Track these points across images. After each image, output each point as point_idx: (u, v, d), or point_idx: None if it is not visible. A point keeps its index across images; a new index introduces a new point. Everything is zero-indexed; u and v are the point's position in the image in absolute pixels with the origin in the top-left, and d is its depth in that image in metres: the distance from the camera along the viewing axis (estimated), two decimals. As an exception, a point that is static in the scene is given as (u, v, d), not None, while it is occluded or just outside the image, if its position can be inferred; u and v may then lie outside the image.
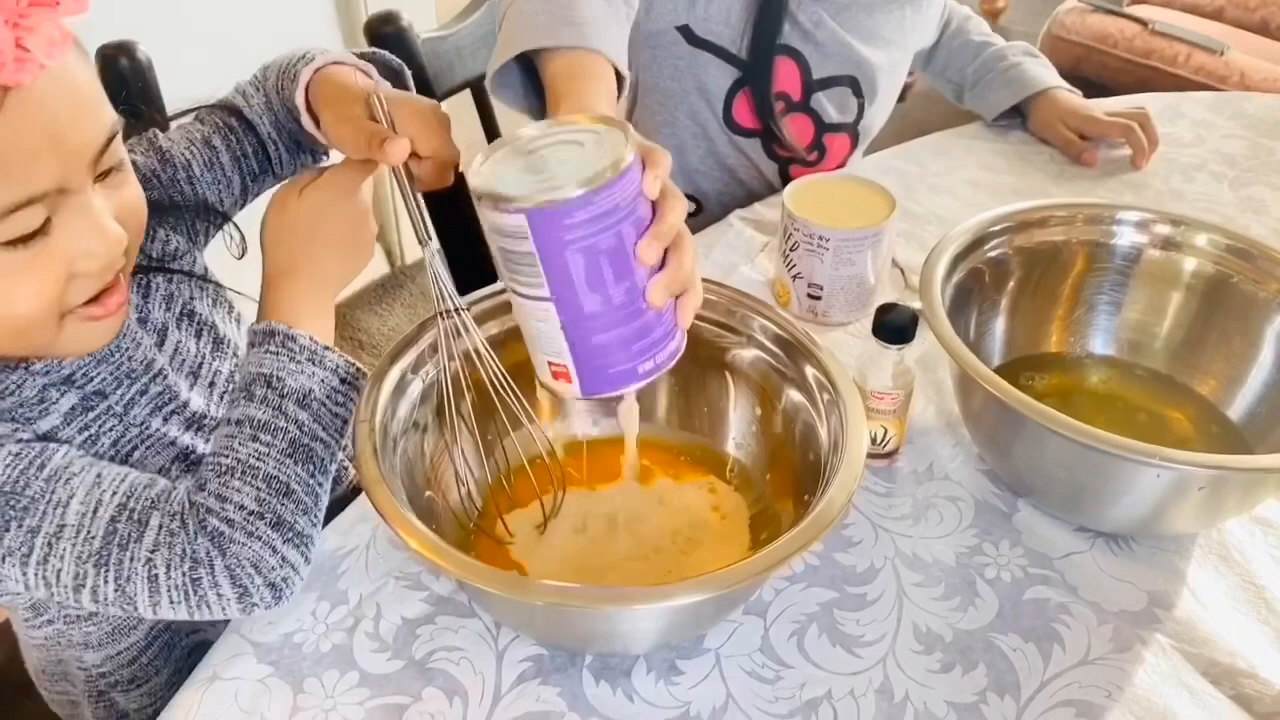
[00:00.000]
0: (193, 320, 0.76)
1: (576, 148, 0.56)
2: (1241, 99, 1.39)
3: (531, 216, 0.52)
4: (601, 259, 0.54)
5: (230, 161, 0.79)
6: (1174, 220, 0.84)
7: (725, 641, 0.68)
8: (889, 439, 0.79)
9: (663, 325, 0.58)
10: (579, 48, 0.72)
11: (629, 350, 0.58)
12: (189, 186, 0.77)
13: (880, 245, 0.91)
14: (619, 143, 0.55)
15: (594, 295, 0.55)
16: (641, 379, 0.59)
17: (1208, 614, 0.70)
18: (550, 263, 0.54)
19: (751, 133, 1.15)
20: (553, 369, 0.59)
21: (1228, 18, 2.30)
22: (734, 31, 1.07)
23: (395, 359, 0.69)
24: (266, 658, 0.66)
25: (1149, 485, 0.68)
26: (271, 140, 0.80)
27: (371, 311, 2.18)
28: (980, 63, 1.27)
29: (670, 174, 0.57)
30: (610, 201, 0.53)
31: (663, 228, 0.55)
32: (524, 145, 0.57)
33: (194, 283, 0.77)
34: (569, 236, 0.53)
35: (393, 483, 0.62)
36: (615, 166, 0.52)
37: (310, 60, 0.74)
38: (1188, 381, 0.84)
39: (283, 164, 0.82)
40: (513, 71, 0.76)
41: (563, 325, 0.56)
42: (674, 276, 0.56)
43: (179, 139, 0.78)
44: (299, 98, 0.73)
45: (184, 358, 0.75)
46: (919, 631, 0.69)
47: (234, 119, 0.79)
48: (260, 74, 0.81)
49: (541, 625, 0.65)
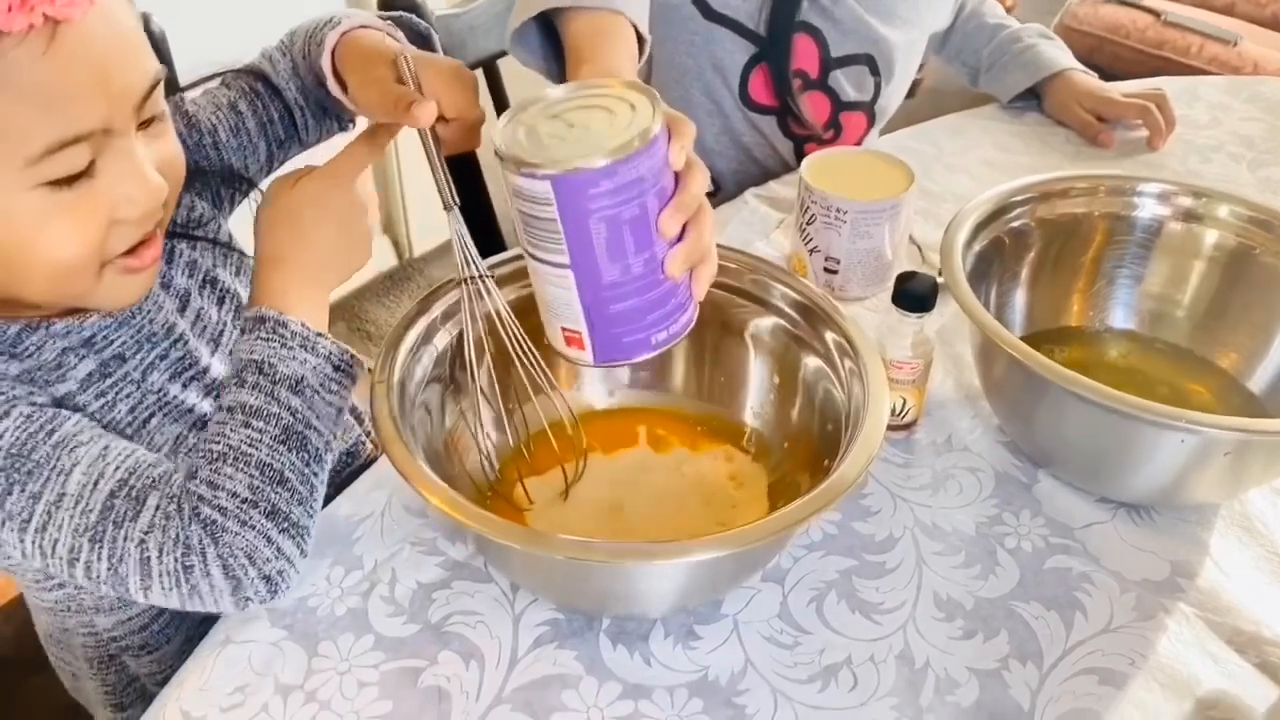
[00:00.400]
0: (215, 288, 0.76)
1: (604, 113, 0.55)
2: (1258, 82, 1.38)
3: (557, 184, 0.52)
4: (624, 229, 0.54)
5: (256, 127, 0.79)
6: (1196, 192, 0.84)
7: (743, 608, 0.67)
8: (908, 409, 0.78)
9: (678, 296, 0.58)
10: (601, 9, 0.71)
11: (644, 320, 0.57)
12: (215, 152, 0.77)
13: (898, 218, 0.90)
14: (646, 112, 0.54)
15: (614, 265, 0.55)
16: (655, 348, 0.59)
17: (1231, 583, 0.69)
18: (572, 230, 0.53)
19: (767, 110, 1.14)
20: (566, 335, 0.59)
21: (1239, 12, 2.29)
22: (751, 6, 1.07)
23: (411, 323, 0.69)
24: (280, 621, 0.66)
25: (1173, 451, 0.67)
26: (298, 106, 0.79)
27: (380, 303, 2.18)
28: (996, 45, 1.26)
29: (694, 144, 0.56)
30: (636, 172, 0.52)
31: (685, 199, 0.55)
32: (550, 107, 0.57)
33: (217, 250, 0.77)
34: (593, 205, 0.52)
35: (410, 443, 0.61)
36: (643, 136, 0.52)
37: (336, 24, 0.74)
38: (1208, 355, 0.83)
39: (309, 130, 0.81)
40: (532, 31, 0.75)
41: (580, 293, 0.56)
42: (693, 248, 0.56)
43: (205, 104, 0.77)
44: (325, 62, 0.73)
45: (205, 324, 0.75)
46: (939, 599, 0.68)
47: (260, 84, 0.79)
48: (286, 39, 0.80)
49: (560, 584, 0.64)
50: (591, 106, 0.56)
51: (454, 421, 0.71)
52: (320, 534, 0.71)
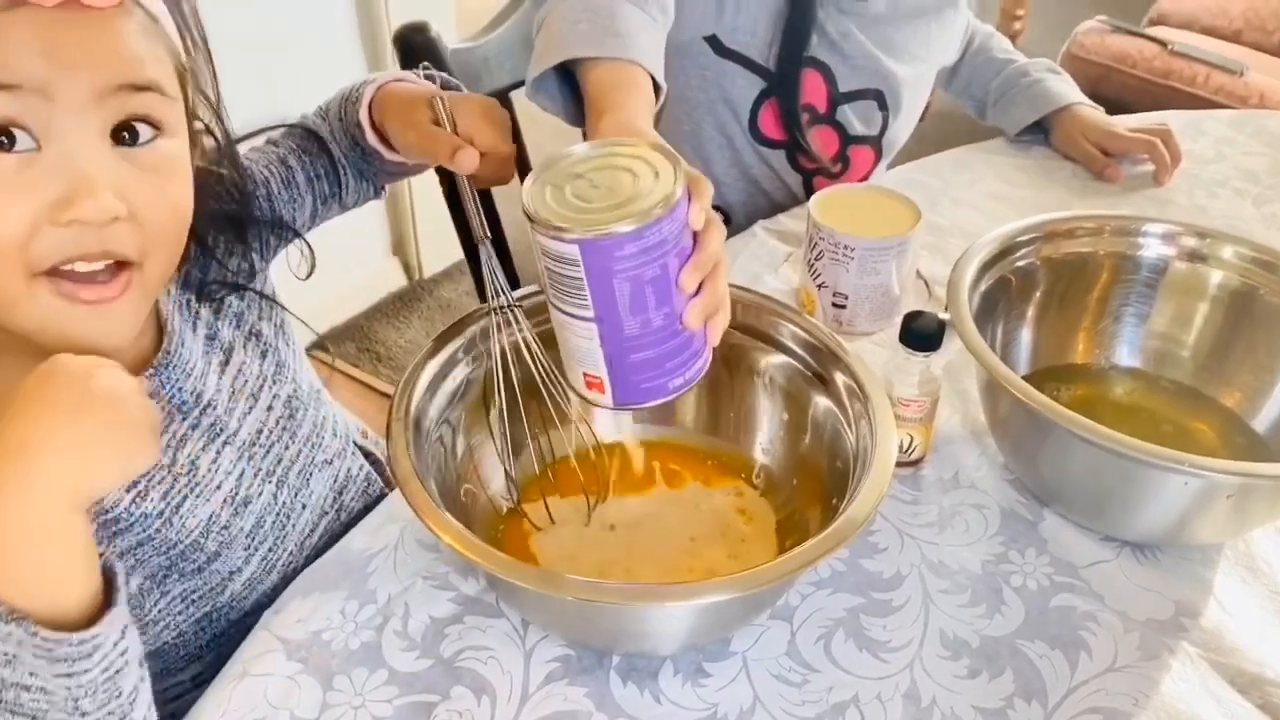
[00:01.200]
0: (259, 340, 0.75)
1: (628, 175, 0.58)
2: (1263, 116, 1.40)
3: (584, 247, 0.54)
4: (646, 287, 0.56)
5: (305, 182, 0.80)
6: (1200, 233, 0.85)
7: (752, 645, 0.68)
8: (915, 447, 0.79)
9: (694, 345, 0.61)
10: (619, 59, 0.73)
11: (663, 368, 0.60)
12: (268, 203, 0.78)
13: (905, 255, 0.91)
14: (669, 177, 0.57)
15: (635, 319, 0.57)
16: (672, 393, 0.62)
17: (1234, 623, 0.70)
18: (597, 289, 0.56)
19: (777, 144, 1.16)
20: (588, 380, 0.62)
21: (1246, 40, 2.31)
22: (761, 42, 1.08)
23: (427, 360, 0.70)
24: (296, 655, 0.66)
25: (1176, 493, 0.68)
26: (342, 164, 0.81)
27: (390, 324, 2.20)
28: (1003, 79, 1.28)
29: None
30: (659, 236, 0.55)
31: (703, 257, 0.58)
32: (575, 166, 0.59)
33: (262, 303, 0.77)
34: (618, 267, 0.55)
35: (425, 479, 0.63)
36: (666, 203, 0.55)
37: (372, 81, 0.76)
38: (1213, 393, 0.84)
39: (348, 190, 0.83)
40: (550, 78, 0.77)
41: (602, 343, 0.59)
42: (709, 300, 0.59)
43: (257, 158, 0.79)
44: (363, 114, 0.75)
45: (246, 378, 0.73)
46: (945, 637, 0.69)
47: (309, 140, 0.81)
48: (322, 107, 0.82)
49: (571, 622, 0.65)
50: (615, 168, 0.58)
51: (473, 449, 0.73)
52: (335, 567, 0.72)
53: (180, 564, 0.69)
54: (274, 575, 0.75)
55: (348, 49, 1.93)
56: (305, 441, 0.77)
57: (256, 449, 0.73)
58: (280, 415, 0.75)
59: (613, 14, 0.75)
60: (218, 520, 0.70)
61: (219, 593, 0.72)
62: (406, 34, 1.05)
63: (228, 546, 0.70)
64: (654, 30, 0.79)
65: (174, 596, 0.69)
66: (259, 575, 0.74)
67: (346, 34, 1.92)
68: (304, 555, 0.77)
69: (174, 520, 0.67)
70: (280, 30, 1.76)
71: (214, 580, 0.71)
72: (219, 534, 0.70)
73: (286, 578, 0.74)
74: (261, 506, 0.73)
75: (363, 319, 2.20)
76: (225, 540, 0.70)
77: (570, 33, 0.75)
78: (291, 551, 0.76)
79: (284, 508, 0.75)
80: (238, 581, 0.72)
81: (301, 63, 0.82)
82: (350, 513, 0.83)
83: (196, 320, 0.71)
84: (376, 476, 0.87)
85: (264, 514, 0.73)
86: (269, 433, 0.74)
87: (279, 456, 0.75)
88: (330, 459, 0.80)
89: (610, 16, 0.75)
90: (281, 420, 0.75)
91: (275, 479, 0.74)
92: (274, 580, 0.75)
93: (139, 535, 0.66)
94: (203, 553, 0.69)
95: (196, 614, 0.71)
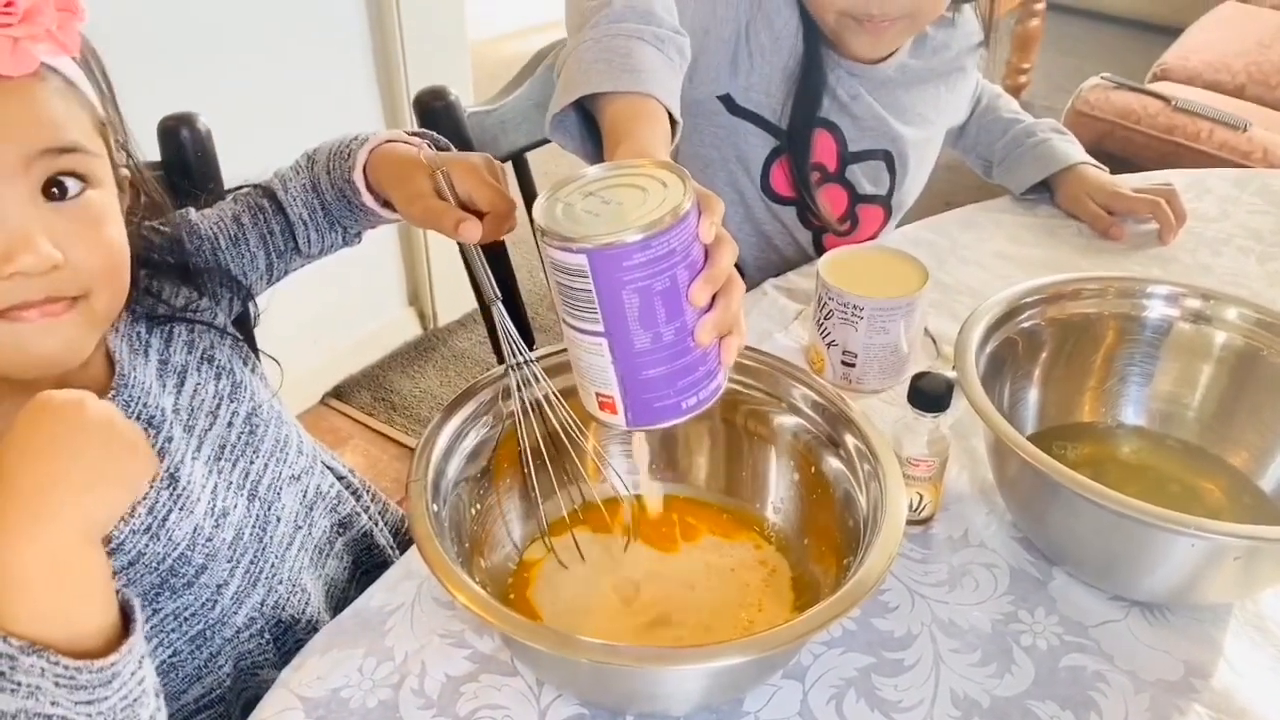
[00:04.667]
0: (212, 364, 0.79)
1: (638, 191, 0.59)
2: (1267, 175, 1.42)
3: (592, 257, 0.55)
4: (655, 299, 0.57)
5: (256, 238, 0.84)
6: (1204, 294, 0.86)
7: (764, 705, 0.68)
8: (925, 505, 0.80)
9: (708, 363, 0.61)
10: (636, 92, 0.75)
11: (675, 386, 0.60)
12: (213, 257, 0.82)
13: (913, 315, 0.93)
14: (678, 189, 0.58)
15: (646, 333, 0.58)
16: (686, 414, 0.62)
17: (1244, 684, 0.70)
18: (606, 301, 0.57)
19: (788, 201, 1.18)
20: (600, 400, 0.62)
21: (1249, 95, 2.34)
22: (774, 102, 1.11)
23: (445, 421, 0.72)
24: (314, 713, 0.67)
25: (1183, 555, 0.69)
26: (301, 221, 0.84)
27: (404, 373, 2.22)
28: (1009, 139, 1.30)
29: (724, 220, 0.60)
30: (667, 246, 0.56)
31: (714, 271, 0.58)
32: (587, 185, 0.60)
33: (214, 334, 0.80)
34: (626, 277, 0.56)
35: (443, 538, 0.64)
36: (674, 213, 0.55)
37: (364, 141, 0.79)
38: (1220, 453, 0.85)
39: (310, 243, 0.86)
40: (570, 116, 0.79)
41: (614, 359, 0.59)
42: (722, 318, 0.60)
43: (210, 215, 0.83)
44: (358, 176, 0.78)
45: (202, 398, 0.77)
46: (956, 698, 0.69)
47: (265, 200, 0.85)
48: (304, 159, 0.86)
49: (585, 683, 0.66)
50: (626, 185, 0.60)
51: (489, 509, 0.75)
52: (353, 624, 0.73)
53: (170, 580, 0.72)
54: (260, 588, 0.78)
55: (368, 111, 1.97)
56: (270, 456, 0.80)
57: (224, 463, 0.77)
58: (241, 431, 0.79)
59: (629, 52, 0.78)
60: (201, 532, 0.73)
61: (209, 608, 0.75)
62: (426, 99, 1.08)
63: (212, 559, 0.73)
64: (670, 69, 0.82)
65: (166, 614, 0.73)
66: (244, 588, 0.77)
67: (366, 97, 1.96)
68: (286, 568, 0.80)
69: (160, 535, 0.70)
70: (301, 93, 1.81)
71: (203, 595, 0.74)
72: (203, 546, 0.73)
73: (272, 589, 0.78)
74: (239, 518, 0.76)
75: (378, 368, 2.22)
76: (210, 553, 0.73)
77: (589, 70, 0.77)
78: (273, 563, 0.79)
79: (258, 520, 0.78)
80: (226, 595, 0.75)
81: (322, 125, 0.84)
82: (322, 530, 0.86)
83: (147, 349, 0.75)
84: (349, 496, 0.91)
85: (241, 525, 0.77)
86: (232, 447, 0.78)
87: (245, 470, 0.78)
88: (297, 474, 0.83)
89: (626, 54, 0.78)
90: (243, 436, 0.79)
91: (246, 492, 0.78)
92: (260, 593, 0.78)
93: (129, 554, 0.69)
94: (190, 566, 0.72)
95: (190, 631, 0.75)
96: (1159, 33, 3.25)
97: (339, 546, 0.89)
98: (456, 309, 2.34)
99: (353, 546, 0.91)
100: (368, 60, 1.94)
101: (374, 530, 0.93)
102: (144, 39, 1.54)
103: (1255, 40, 2.46)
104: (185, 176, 0.92)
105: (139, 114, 0.73)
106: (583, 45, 0.80)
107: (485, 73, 2.32)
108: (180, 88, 1.12)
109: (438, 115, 1.08)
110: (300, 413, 2.09)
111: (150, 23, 1.56)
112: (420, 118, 1.09)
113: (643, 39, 0.80)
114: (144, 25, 1.54)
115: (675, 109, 0.78)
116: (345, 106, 1.92)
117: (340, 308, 2.10)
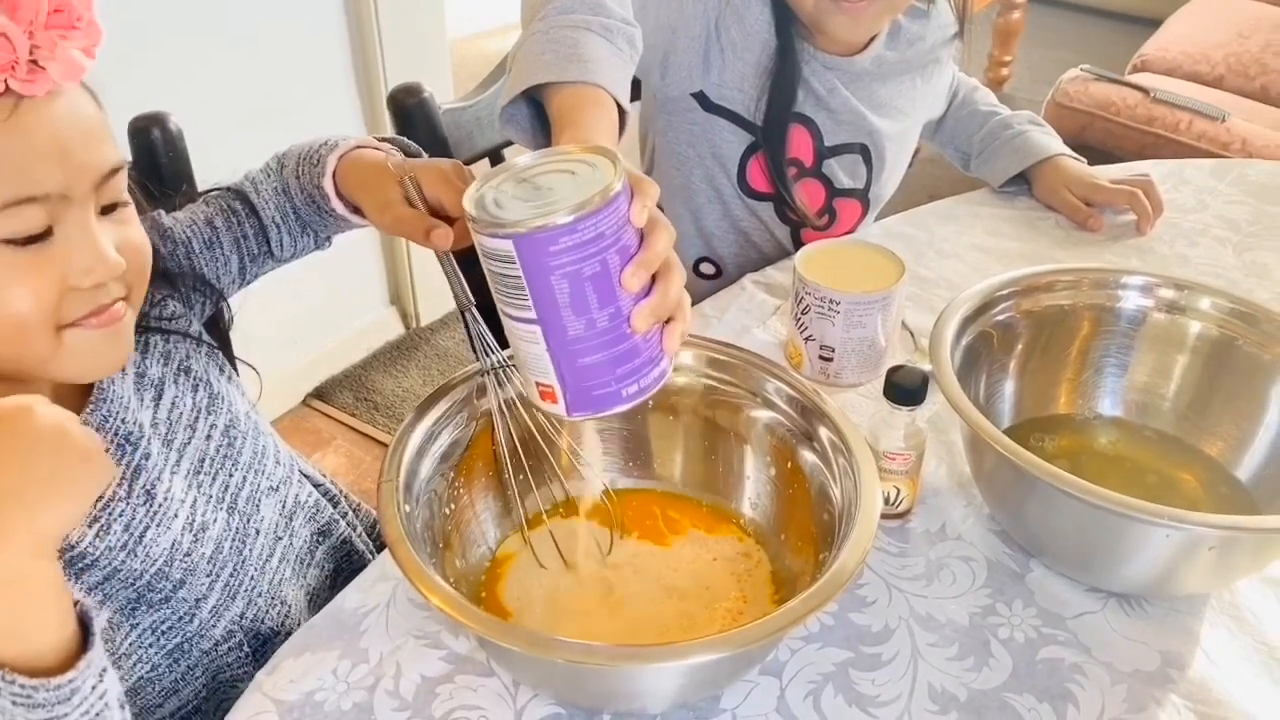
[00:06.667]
0: (189, 376, 0.78)
1: (568, 176, 0.58)
2: (1243, 165, 1.42)
3: (518, 242, 0.54)
4: (585, 284, 0.56)
5: (230, 242, 0.83)
6: (1178, 284, 0.86)
7: (741, 702, 0.68)
8: (902, 499, 0.80)
9: (648, 350, 0.60)
10: (583, 82, 0.75)
11: (614, 373, 0.59)
12: (187, 261, 0.81)
13: (890, 308, 0.93)
14: (607, 171, 0.57)
15: (578, 319, 0.57)
16: (626, 401, 0.60)
17: (1221, 675, 0.70)
18: (536, 287, 0.56)
19: (765, 196, 1.18)
20: (540, 389, 0.61)
21: (1228, 85, 2.35)
22: (747, 97, 1.11)
23: (416, 422, 0.71)
24: (289, 716, 0.67)
25: (1159, 545, 0.69)
26: (274, 224, 0.84)
27: (386, 373, 2.21)
28: (986, 131, 1.30)
29: (658, 203, 0.59)
30: (595, 229, 0.54)
31: (648, 255, 0.57)
32: (519, 173, 0.60)
33: (189, 343, 0.80)
34: (554, 262, 0.55)
35: (415, 540, 0.63)
36: (603, 195, 0.54)
37: (333, 147, 0.79)
38: (1196, 443, 0.85)
39: (283, 247, 0.86)
40: (521, 108, 0.79)
41: (548, 347, 0.58)
42: (659, 303, 0.58)
43: (183, 218, 0.83)
44: (327, 183, 0.78)
45: (181, 410, 0.76)
46: (934, 691, 0.69)
47: (238, 202, 0.84)
48: (274, 162, 0.85)
49: (561, 683, 0.66)
50: (556, 170, 0.59)
51: (462, 509, 0.74)
52: (328, 626, 0.73)
53: (148, 594, 0.71)
54: (239, 601, 0.77)
55: (345, 109, 1.96)
56: (249, 468, 0.80)
57: (203, 476, 0.76)
58: (220, 444, 0.78)
59: (576, 43, 0.78)
60: (180, 547, 0.72)
61: (188, 621, 0.74)
62: (400, 96, 1.07)
63: (191, 574, 0.73)
64: (620, 59, 0.81)
65: (144, 629, 0.72)
66: (224, 601, 0.76)
67: (344, 94, 1.95)
68: (266, 580, 0.80)
69: (138, 551, 0.69)
70: (277, 91, 1.79)
71: (182, 609, 0.73)
72: (182, 561, 0.72)
73: (251, 602, 0.78)
74: (218, 532, 0.76)
75: (360, 368, 2.21)
76: (189, 567, 0.73)
77: (536, 62, 0.77)
78: (253, 576, 0.79)
79: (238, 533, 0.78)
80: (204, 609, 0.75)
81: (298, 124, 0.84)
82: (303, 540, 0.86)
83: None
84: (326, 504, 0.90)
85: (221, 539, 0.76)
86: (211, 461, 0.77)
87: (225, 484, 0.77)
88: (276, 485, 0.83)
89: (573, 45, 0.77)
90: (222, 448, 0.78)
91: (226, 505, 0.77)
92: (239, 607, 0.77)
93: (105, 570, 0.68)
94: (168, 581, 0.71)
95: (168, 645, 0.74)
96: (1140, 24, 3.26)
97: (320, 555, 0.89)
98: (438, 308, 2.33)
99: (333, 554, 0.90)
100: (345, 57, 1.92)
101: (353, 536, 0.93)
102: (111, 34, 1.52)
103: (1234, 31, 2.46)
104: (156, 178, 0.91)
105: (108, 113, 0.72)
106: (532, 37, 0.79)
107: (467, 70, 2.31)
108: (150, 85, 1.11)
109: (411, 112, 1.07)
110: (282, 414, 2.08)
111: (117, 17, 1.54)
112: (394, 114, 1.08)
113: (590, 29, 0.80)
114: (110, 20, 1.53)
115: (624, 99, 0.78)
116: (322, 104, 1.91)
117: (322, 308, 2.08)
